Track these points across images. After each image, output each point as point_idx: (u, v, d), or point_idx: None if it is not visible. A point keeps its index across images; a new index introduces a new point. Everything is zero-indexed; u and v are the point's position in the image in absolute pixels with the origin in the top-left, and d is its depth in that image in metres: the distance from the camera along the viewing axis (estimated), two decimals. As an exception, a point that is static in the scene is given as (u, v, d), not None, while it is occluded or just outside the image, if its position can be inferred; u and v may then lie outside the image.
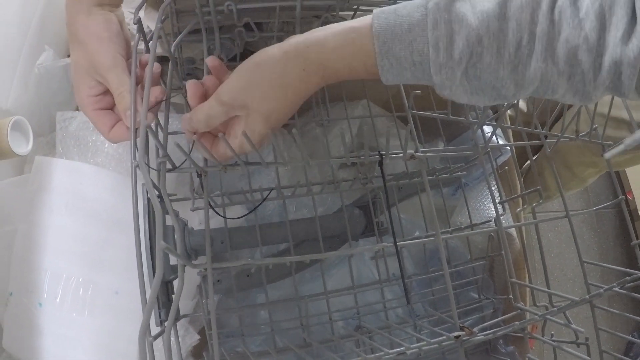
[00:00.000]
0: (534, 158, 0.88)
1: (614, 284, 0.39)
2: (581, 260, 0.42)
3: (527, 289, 0.49)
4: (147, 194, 0.34)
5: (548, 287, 0.40)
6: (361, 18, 0.31)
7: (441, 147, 0.54)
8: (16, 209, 0.45)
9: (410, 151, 0.39)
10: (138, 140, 0.32)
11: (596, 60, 0.25)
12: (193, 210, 0.44)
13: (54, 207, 0.43)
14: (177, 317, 0.38)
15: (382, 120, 0.55)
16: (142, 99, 0.34)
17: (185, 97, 0.37)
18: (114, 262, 0.43)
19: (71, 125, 0.47)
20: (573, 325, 0.35)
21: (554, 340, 0.42)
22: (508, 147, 0.50)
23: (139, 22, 0.38)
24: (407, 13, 0.29)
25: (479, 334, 0.35)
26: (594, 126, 0.46)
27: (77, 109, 0.52)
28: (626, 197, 1.19)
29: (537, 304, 0.45)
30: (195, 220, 0.47)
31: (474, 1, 0.28)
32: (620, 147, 0.25)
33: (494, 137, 0.50)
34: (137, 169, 0.33)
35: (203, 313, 0.44)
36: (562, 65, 0.26)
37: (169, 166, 0.37)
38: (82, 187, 0.43)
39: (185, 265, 0.32)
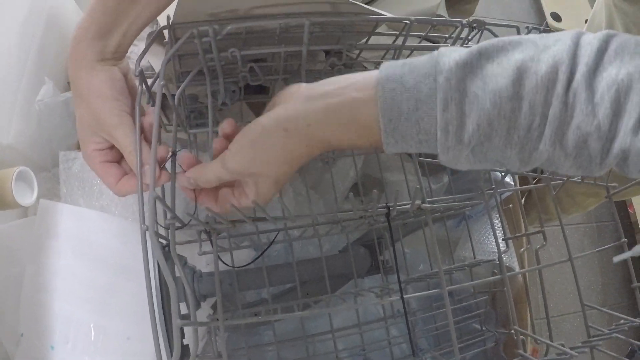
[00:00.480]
0: (535, 182, 0.88)
1: (613, 330, 0.40)
2: (582, 304, 0.43)
3: (528, 320, 0.50)
4: (157, 261, 0.34)
5: (550, 338, 0.41)
6: (364, 80, 0.29)
7: (445, 180, 0.54)
8: (23, 251, 0.46)
9: (417, 202, 0.40)
10: (147, 208, 0.32)
11: (605, 146, 0.25)
12: (200, 255, 0.44)
13: (62, 252, 0.44)
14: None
15: (386, 154, 0.55)
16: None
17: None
18: (123, 308, 0.43)
19: (74, 166, 0.47)
20: (574, 377, 0.36)
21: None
22: (512, 183, 0.51)
23: (140, 73, 0.37)
24: (414, 85, 0.27)
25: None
26: None
27: (79, 147, 0.52)
28: (627, 210, 1.21)
29: (538, 342, 0.46)
30: (203, 261, 0.47)
31: (486, 77, 0.26)
32: (628, 254, 0.25)
33: (499, 176, 0.51)
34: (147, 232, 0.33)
35: (213, 353, 0.45)
36: (571, 150, 0.26)
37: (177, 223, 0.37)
38: (89, 233, 0.43)
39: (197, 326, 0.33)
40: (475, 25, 0.42)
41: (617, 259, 0.27)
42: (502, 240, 0.49)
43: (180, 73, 0.44)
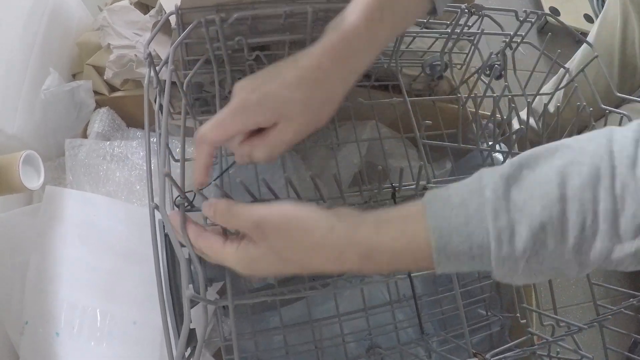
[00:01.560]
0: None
1: (622, 306, 0.41)
2: (590, 283, 0.43)
3: (534, 304, 0.51)
4: (166, 236, 0.35)
5: (555, 312, 0.42)
6: (412, 207, 0.28)
7: (449, 166, 0.55)
8: (28, 238, 0.46)
9: (422, 182, 0.40)
10: (157, 183, 0.32)
11: None
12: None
13: (67, 238, 0.44)
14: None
15: (390, 141, 0.56)
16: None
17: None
18: (129, 293, 0.44)
19: (80, 153, 0.48)
20: (582, 352, 0.37)
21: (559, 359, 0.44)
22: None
23: (149, 56, 0.38)
24: (461, 202, 0.27)
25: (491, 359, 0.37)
26: None
27: (84, 135, 0.53)
28: None
29: (543, 323, 0.47)
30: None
31: (531, 185, 0.26)
32: None
33: (501, 158, 0.52)
34: (156, 210, 0.34)
35: (220, 338, 0.45)
36: (629, 241, 0.25)
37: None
38: (95, 218, 0.44)
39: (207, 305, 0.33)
40: (474, 10, 0.44)
41: None
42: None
43: (187, 61, 0.45)
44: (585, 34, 1.83)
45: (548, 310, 0.46)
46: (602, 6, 0.74)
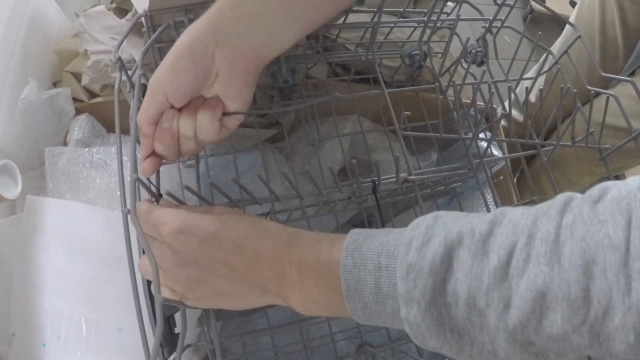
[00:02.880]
0: (531, 163, 0.88)
1: None
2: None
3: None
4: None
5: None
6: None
7: (434, 157, 0.55)
8: (12, 249, 0.47)
9: (403, 175, 0.40)
10: (128, 189, 0.33)
11: None
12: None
13: (50, 247, 0.44)
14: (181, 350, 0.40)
15: (373, 135, 0.56)
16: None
17: None
18: (114, 300, 0.44)
19: (60, 161, 0.48)
20: None
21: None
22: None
23: (119, 60, 0.38)
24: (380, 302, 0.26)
25: None
26: (590, 130, 0.47)
27: (65, 143, 0.53)
28: None
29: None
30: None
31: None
32: None
33: (484, 145, 0.51)
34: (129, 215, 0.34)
35: (206, 342, 0.46)
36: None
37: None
38: (77, 226, 0.44)
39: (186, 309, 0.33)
40: (451, -4, 0.43)
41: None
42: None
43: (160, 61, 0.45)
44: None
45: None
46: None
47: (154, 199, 0.35)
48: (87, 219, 0.44)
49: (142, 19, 0.41)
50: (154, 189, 0.35)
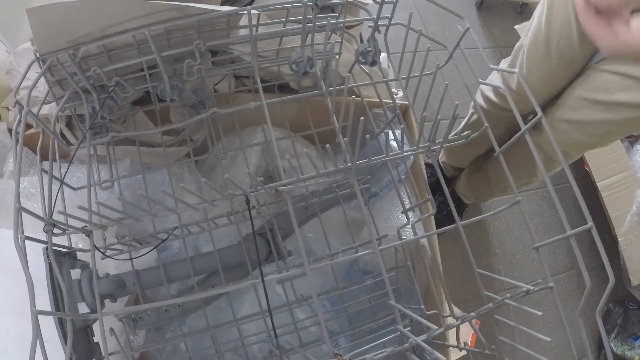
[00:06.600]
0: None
1: (505, 297, 0.44)
2: (475, 271, 0.46)
3: (444, 298, 0.54)
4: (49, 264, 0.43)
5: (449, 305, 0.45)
6: None
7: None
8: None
9: (273, 185, 0.46)
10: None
11: None
12: (103, 259, 0.53)
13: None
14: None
15: (285, 142, 0.61)
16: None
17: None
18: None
19: (-6, 192, 0.58)
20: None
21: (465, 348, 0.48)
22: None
23: (16, 104, 0.46)
24: None
25: None
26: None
27: (1, 176, 0.63)
28: (584, 170, 1.19)
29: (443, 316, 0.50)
30: (112, 265, 0.56)
31: None
32: None
33: (395, 145, 0.55)
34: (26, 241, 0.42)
35: (127, 351, 0.54)
36: None
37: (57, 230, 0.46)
38: (6, 250, 0.54)
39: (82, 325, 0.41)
40: (317, 2, 0.47)
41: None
42: (402, 213, 0.53)
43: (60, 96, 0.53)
44: (526, 3, 1.77)
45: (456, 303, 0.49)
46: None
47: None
48: (12, 243, 0.54)
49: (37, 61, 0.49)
50: (42, 213, 0.43)
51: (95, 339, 0.51)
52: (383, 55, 0.60)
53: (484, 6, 1.68)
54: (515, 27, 0.99)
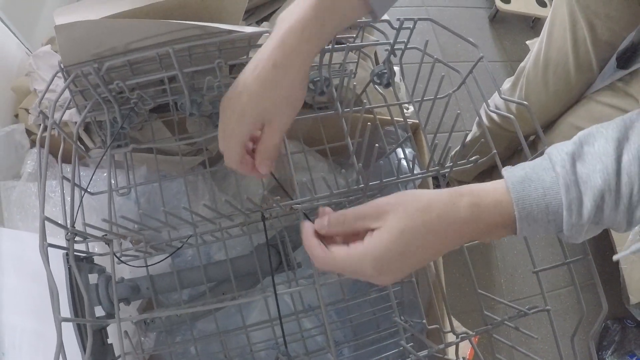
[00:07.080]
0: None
1: (504, 318, 0.47)
2: (477, 292, 0.49)
3: (445, 314, 0.57)
4: (69, 268, 0.46)
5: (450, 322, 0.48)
6: (493, 186, 0.36)
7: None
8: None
9: (289, 202, 0.48)
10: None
11: None
12: (119, 264, 0.56)
13: (5, 271, 0.57)
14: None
15: (298, 155, 0.63)
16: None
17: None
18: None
19: (13, 194, 0.60)
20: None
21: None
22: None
23: (40, 113, 0.48)
24: (538, 177, 0.35)
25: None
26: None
27: (19, 177, 0.65)
28: None
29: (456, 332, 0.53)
30: (126, 269, 0.59)
31: (591, 160, 0.34)
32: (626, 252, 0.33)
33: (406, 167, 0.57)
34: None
35: (139, 352, 0.57)
36: None
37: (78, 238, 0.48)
38: (24, 252, 0.56)
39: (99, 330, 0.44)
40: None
41: (616, 257, 0.36)
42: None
43: (84, 105, 0.55)
44: (538, 18, 1.80)
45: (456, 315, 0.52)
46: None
47: None
48: (34, 246, 0.56)
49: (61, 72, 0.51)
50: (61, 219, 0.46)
51: (109, 340, 0.54)
52: (397, 69, 0.62)
53: (497, 19, 1.69)
54: (527, 42, 1.02)
